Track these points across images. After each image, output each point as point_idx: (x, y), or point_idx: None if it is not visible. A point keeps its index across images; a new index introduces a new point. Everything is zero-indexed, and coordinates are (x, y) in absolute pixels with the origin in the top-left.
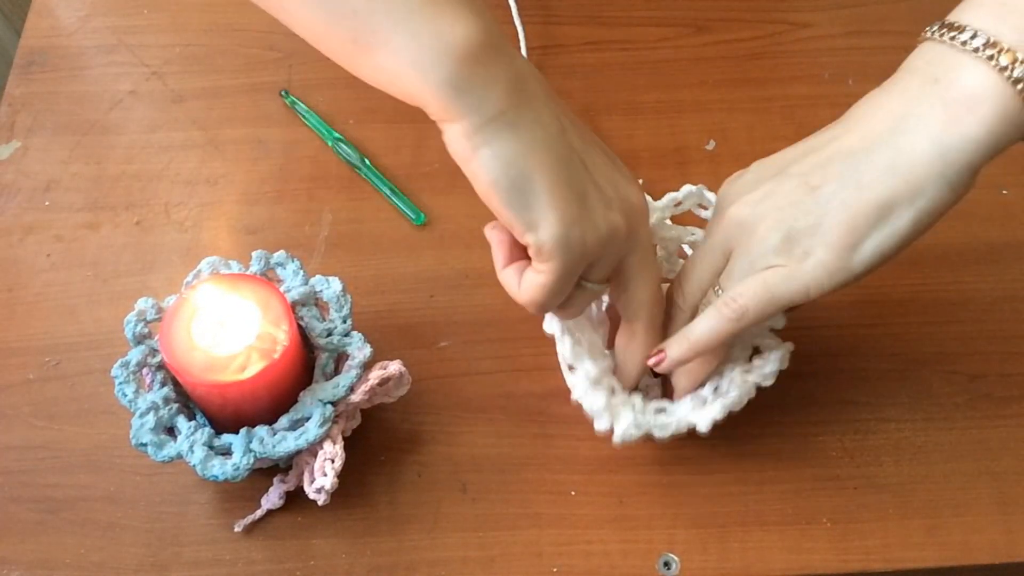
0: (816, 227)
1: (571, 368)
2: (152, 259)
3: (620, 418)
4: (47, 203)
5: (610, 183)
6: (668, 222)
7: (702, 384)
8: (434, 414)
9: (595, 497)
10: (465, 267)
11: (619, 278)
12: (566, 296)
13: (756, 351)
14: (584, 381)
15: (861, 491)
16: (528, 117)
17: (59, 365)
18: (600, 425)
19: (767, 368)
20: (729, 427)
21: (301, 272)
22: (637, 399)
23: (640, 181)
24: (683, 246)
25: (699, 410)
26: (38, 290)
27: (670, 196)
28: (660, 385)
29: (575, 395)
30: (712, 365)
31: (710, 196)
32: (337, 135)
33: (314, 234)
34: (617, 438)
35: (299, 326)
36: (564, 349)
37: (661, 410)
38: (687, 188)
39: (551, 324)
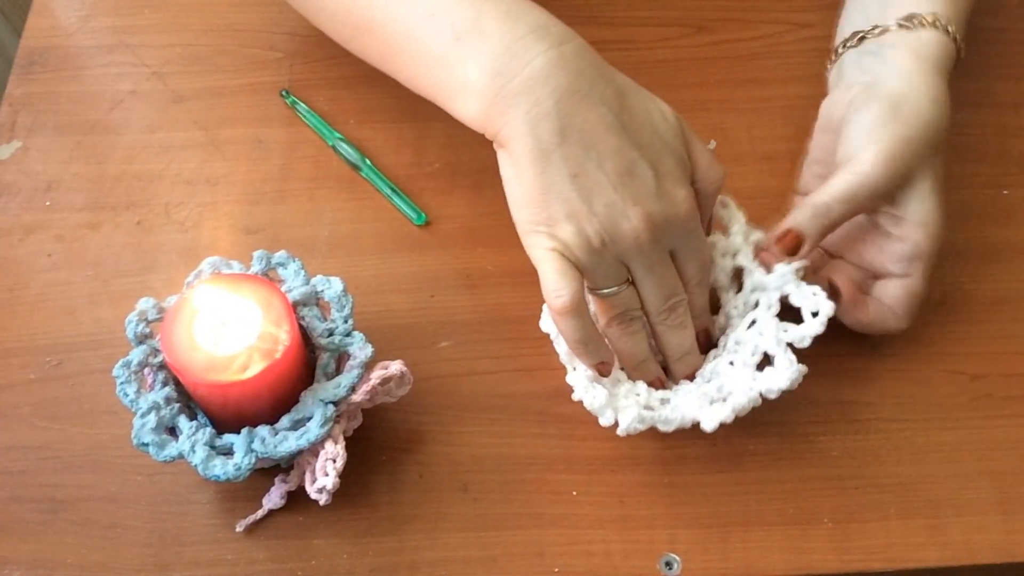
0: None
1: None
2: (153, 259)
3: (624, 412)
4: (48, 203)
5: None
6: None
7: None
8: (435, 414)
9: (596, 497)
10: (465, 267)
11: None
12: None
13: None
14: (583, 379)
15: (862, 491)
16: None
17: (60, 365)
18: (604, 421)
19: (776, 385)
20: (729, 427)
21: (302, 272)
22: (641, 388)
23: None
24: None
25: (705, 409)
26: (39, 290)
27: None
28: None
29: (575, 395)
30: None
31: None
32: (338, 135)
33: (315, 234)
34: (621, 431)
35: (300, 326)
36: (561, 348)
37: (666, 400)
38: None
39: (547, 323)
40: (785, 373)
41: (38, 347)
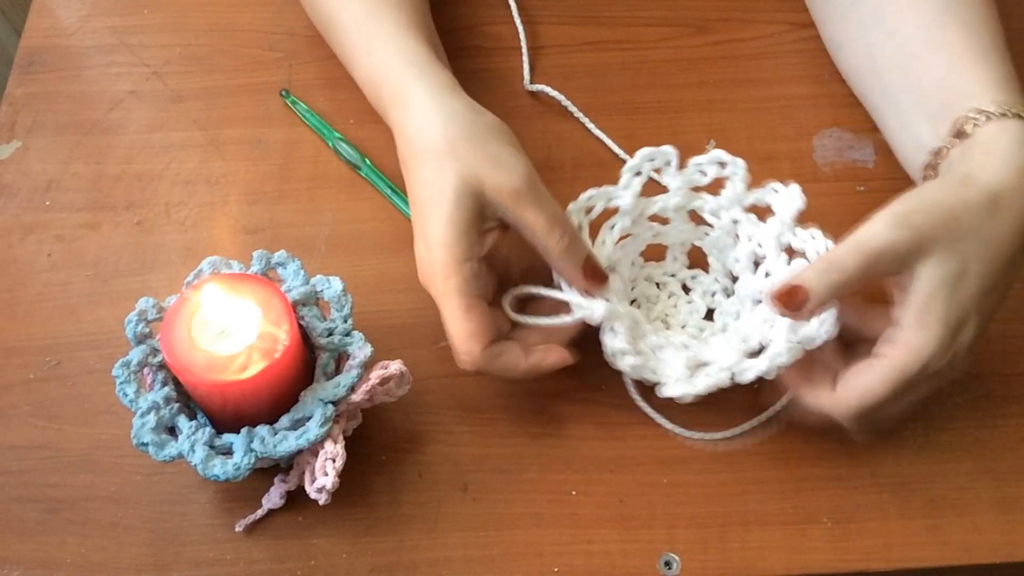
0: None
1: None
2: (153, 259)
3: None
4: (48, 203)
5: None
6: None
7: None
8: (435, 414)
9: (596, 497)
10: None
11: None
12: None
13: None
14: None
15: (861, 491)
16: None
17: (60, 365)
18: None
19: (817, 335)
20: (729, 427)
21: (302, 272)
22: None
23: None
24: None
25: (745, 362)
26: (39, 290)
27: (627, 168)
28: None
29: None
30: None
31: (666, 151)
32: (337, 135)
33: (315, 234)
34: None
35: (300, 326)
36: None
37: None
38: (642, 152)
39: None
40: (824, 318)
41: (38, 347)
